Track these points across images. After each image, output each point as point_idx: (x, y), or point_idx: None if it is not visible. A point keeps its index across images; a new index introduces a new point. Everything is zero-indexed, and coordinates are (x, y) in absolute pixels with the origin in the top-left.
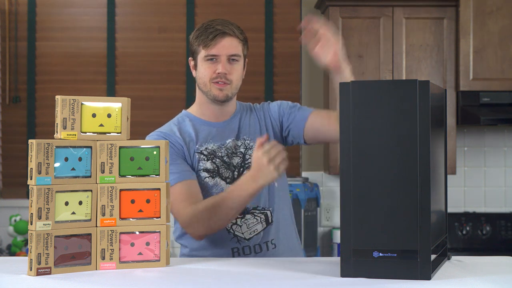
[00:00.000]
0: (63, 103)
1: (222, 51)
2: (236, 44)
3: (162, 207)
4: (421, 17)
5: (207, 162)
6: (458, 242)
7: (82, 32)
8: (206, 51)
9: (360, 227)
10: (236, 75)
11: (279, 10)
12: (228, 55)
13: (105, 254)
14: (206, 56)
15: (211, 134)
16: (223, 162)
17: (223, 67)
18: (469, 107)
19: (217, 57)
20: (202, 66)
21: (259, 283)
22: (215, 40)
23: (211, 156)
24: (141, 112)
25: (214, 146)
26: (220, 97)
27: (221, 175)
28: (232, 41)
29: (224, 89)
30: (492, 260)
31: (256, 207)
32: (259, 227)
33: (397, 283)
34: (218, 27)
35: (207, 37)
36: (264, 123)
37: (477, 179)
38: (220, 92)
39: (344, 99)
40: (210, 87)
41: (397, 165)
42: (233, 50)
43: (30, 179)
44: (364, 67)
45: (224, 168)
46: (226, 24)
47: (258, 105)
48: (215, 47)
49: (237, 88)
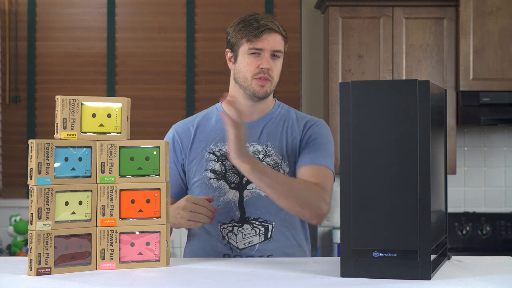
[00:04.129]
0: (63, 103)
1: (267, 45)
2: (279, 40)
3: (162, 207)
4: (421, 17)
5: (216, 163)
6: (458, 242)
7: (82, 32)
8: (251, 44)
9: (360, 227)
10: (277, 71)
11: (279, 10)
12: (272, 50)
13: (105, 254)
14: (250, 49)
15: None
16: (232, 166)
17: (266, 62)
18: (469, 107)
19: (261, 51)
20: (244, 60)
21: (259, 283)
22: (261, 35)
23: (222, 157)
24: (141, 112)
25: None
26: (260, 93)
27: (227, 179)
28: (276, 37)
29: (265, 85)
30: (492, 260)
31: (257, 218)
32: (256, 240)
33: (397, 283)
34: (264, 22)
35: (253, 31)
36: (292, 139)
37: (477, 179)
38: (261, 89)
39: (344, 99)
40: (251, 82)
41: (397, 165)
42: (277, 45)
43: (30, 179)
44: (364, 67)
45: (232, 172)
46: (271, 20)
47: (299, 115)
48: (261, 41)
49: (275, 85)
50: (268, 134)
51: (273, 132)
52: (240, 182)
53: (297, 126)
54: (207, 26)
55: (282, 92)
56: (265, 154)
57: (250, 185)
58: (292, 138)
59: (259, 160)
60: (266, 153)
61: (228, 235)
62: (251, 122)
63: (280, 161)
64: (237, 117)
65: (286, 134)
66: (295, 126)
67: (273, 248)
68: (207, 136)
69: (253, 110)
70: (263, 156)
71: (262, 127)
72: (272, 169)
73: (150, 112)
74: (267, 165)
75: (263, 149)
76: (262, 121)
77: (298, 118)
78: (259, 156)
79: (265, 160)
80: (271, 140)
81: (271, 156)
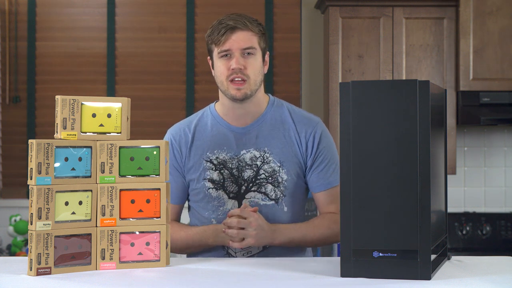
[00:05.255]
0: (63, 103)
1: (233, 45)
2: (249, 37)
3: (162, 207)
4: (421, 17)
5: (214, 172)
6: (458, 242)
7: (82, 32)
8: (219, 48)
9: (360, 227)
10: (253, 69)
11: (279, 10)
12: (241, 49)
13: (105, 254)
14: (219, 53)
15: (227, 141)
16: (231, 175)
17: (236, 61)
18: (469, 107)
19: (230, 52)
20: (216, 64)
21: (259, 283)
22: (225, 36)
23: (220, 166)
24: (141, 112)
25: (226, 156)
26: (238, 96)
27: (226, 189)
28: (244, 35)
29: (242, 88)
30: (492, 260)
31: None
32: (254, 250)
33: (397, 283)
34: (229, 22)
35: (218, 33)
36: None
37: (477, 179)
38: (237, 92)
39: (344, 99)
40: (227, 86)
41: (397, 165)
42: (246, 43)
43: (30, 179)
44: (364, 67)
45: (230, 182)
46: (237, 19)
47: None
48: (227, 42)
49: (256, 84)
50: (264, 138)
51: (269, 136)
52: (239, 191)
53: (295, 131)
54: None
55: (282, 92)
56: (263, 161)
57: (249, 194)
58: (291, 145)
59: (257, 167)
60: (264, 159)
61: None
62: (245, 126)
63: (278, 168)
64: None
65: (283, 139)
66: (292, 131)
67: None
68: (203, 143)
69: (243, 111)
70: (260, 163)
71: (257, 132)
72: (293, 226)
73: (150, 112)
74: (286, 227)
75: (261, 155)
76: (256, 124)
77: (294, 120)
78: (257, 163)
79: (263, 168)
80: (268, 146)
81: (269, 164)
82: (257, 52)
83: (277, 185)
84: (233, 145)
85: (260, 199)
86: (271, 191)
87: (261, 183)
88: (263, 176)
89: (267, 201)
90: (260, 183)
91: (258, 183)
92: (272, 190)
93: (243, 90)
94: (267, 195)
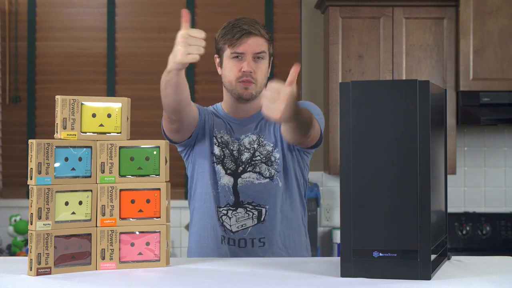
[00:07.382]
0: (63, 103)
1: (247, 49)
2: (261, 42)
3: (162, 207)
4: (421, 17)
5: (217, 147)
6: (458, 242)
7: (82, 32)
8: (232, 49)
9: (360, 227)
10: (261, 73)
11: (279, 10)
12: (253, 53)
13: (105, 254)
14: (232, 53)
15: (230, 128)
16: (231, 155)
17: (248, 65)
18: (469, 107)
19: (242, 55)
20: (227, 64)
21: (259, 283)
22: (241, 39)
23: (223, 144)
24: (141, 112)
25: (229, 139)
26: (245, 95)
27: (224, 164)
28: (257, 40)
29: (249, 88)
30: (492, 260)
31: (251, 202)
32: (249, 223)
33: (397, 283)
34: (244, 26)
35: (233, 36)
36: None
37: (477, 179)
38: (245, 91)
39: (344, 99)
40: (235, 86)
41: (397, 165)
42: (259, 48)
43: (30, 179)
44: (364, 67)
45: (229, 160)
46: (252, 24)
47: None
48: (241, 45)
49: (261, 87)
50: (261, 129)
51: (268, 127)
52: (236, 171)
53: None
54: (207, 26)
55: None
56: (259, 144)
57: (245, 175)
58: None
59: (254, 149)
60: (260, 143)
61: (222, 218)
62: (246, 118)
63: (271, 149)
64: None
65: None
66: None
67: (265, 231)
68: (212, 123)
69: (245, 110)
70: (257, 145)
71: (258, 122)
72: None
73: (150, 112)
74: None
75: (257, 138)
76: (256, 116)
77: None
78: (254, 146)
79: (259, 150)
80: (263, 133)
81: (264, 146)
82: (266, 56)
83: (270, 164)
84: (235, 131)
85: (255, 178)
86: (265, 170)
87: (256, 163)
88: (258, 158)
89: (261, 179)
90: (255, 163)
91: (253, 164)
92: (266, 169)
93: (250, 90)
94: (262, 174)
